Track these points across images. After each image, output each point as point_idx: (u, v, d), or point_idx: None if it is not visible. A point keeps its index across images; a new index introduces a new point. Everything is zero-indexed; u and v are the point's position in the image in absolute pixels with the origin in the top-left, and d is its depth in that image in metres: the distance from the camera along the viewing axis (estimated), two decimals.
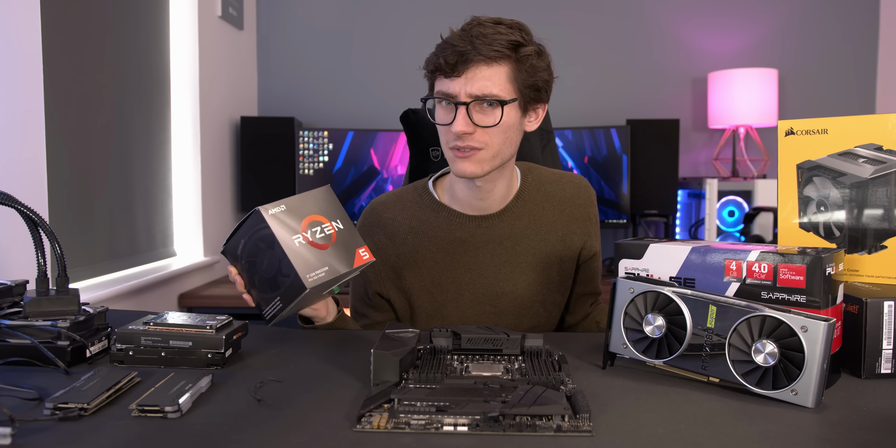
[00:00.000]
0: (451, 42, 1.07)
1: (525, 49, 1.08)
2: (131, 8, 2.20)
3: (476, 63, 1.06)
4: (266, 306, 0.95)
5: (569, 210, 1.25)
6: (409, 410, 0.69)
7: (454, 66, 1.06)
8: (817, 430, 0.68)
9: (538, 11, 3.11)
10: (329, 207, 0.97)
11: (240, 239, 0.94)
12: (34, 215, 0.91)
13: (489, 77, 1.07)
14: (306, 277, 0.89)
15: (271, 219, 0.91)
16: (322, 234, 0.94)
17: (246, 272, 0.96)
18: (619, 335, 0.88)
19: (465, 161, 1.10)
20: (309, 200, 0.96)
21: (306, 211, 0.94)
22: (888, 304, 0.83)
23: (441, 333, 0.92)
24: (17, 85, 1.55)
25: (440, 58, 1.07)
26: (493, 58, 1.06)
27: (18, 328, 0.88)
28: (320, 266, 0.92)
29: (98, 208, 2.01)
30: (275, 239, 0.90)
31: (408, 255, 1.23)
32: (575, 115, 3.05)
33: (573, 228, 1.24)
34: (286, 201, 0.94)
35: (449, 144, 1.11)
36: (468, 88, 1.06)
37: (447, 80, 1.08)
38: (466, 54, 1.05)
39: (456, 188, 1.21)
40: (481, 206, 1.20)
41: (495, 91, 1.07)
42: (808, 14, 3.08)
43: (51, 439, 0.64)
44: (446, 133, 1.11)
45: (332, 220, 0.96)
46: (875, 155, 0.93)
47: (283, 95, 3.17)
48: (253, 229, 0.92)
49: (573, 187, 1.27)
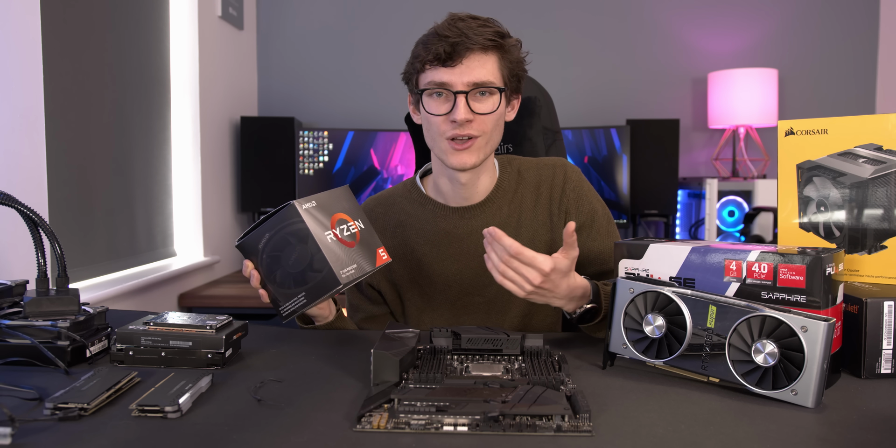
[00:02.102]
0: (442, 33, 1.09)
1: (510, 40, 1.13)
2: (131, 8, 2.20)
3: (472, 51, 1.09)
4: (285, 302, 0.95)
5: (546, 192, 1.24)
6: (409, 410, 0.69)
7: (450, 55, 1.08)
8: (817, 430, 0.68)
9: (538, 12, 3.11)
10: (351, 207, 0.98)
11: (264, 232, 0.94)
12: (34, 215, 0.91)
13: (484, 65, 1.10)
14: (340, 273, 0.90)
15: (305, 213, 0.91)
16: (349, 232, 0.95)
17: (265, 267, 0.95)
18: (619, 335, 0.88)
19: (464, 152, 1.12)
20: (335, 198, 0.96)
21: (333, 208, 0.95)
22: (888, 304, 0.83)
23: (441, 333, 0.92)
24: (17, 85, 1.55)
25: (432, 49, 1.09)
26: (485, 47, 1.10)
27: (18, 328, 0.88)
28: (350, 263, 0.93)
29: (98, 208, 2.01)
30: (309, 233, 0.90)
31: (397, 248, 1.25)
32: (575, 115, 3.05)
33: (553, 210, 1.24)
34: (315, 197, 0.94)
35: (445, 135, 1.12)
36: (465, 77, 1.09)
37: (442, 69, 1.10)
38: (461, 44, 1.08)
39: (440, 181, 1.23)
40: (464, 196, 1.22)
41: (491, 78, 1.10)
42: (807, 14, 3.08)
43: (51, 439, 0.64)
44: (441, 123, 1.12)
45: (355, 220, 0.97)
46: (875, 155, 0.93)
47: (283, 95, 3.17)
48: (283, 223, 0.92)
49: (549, 169, 1.26)
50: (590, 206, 1.24)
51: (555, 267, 0.93)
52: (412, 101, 1.21)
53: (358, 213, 0.98)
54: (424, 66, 1.12)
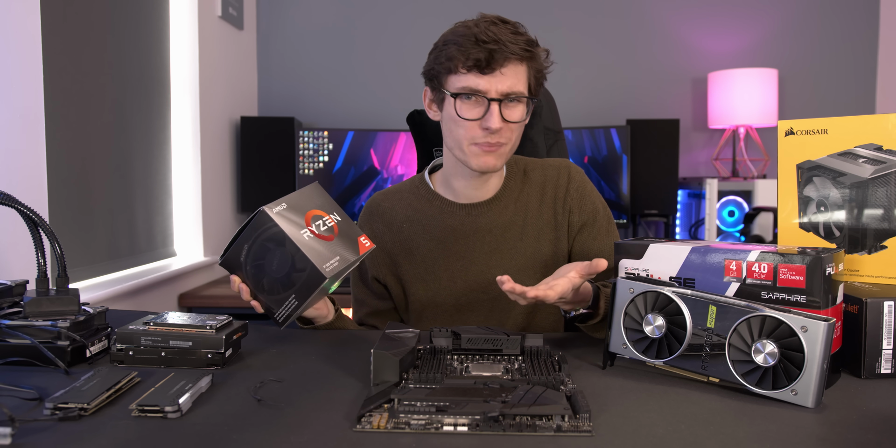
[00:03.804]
0: (479, 37, 1.08)
1: (539, 49, 1.13)
2: (131, 8, 2.20)
3: (509, 60, 1.09)
4: (278, 308, 0.95)
5: (551, 192, 1.26)
6: (409, 410, 0.69)
7: (489, 62, 1.08)
8: (817, 430, 0.68)
9: (539, 12, 3.11)
10: (324, 202, 0.99)
11: (242, 244, 0.94)
12: (34, 215, 0.91)
13: (517, 74, 1.10)
14: (324, 267, 0.90)
15: (277, 216, 0.91)
16: (325, 227, 0.96)
17: (252, 278, 0.96)
18: (619, 335, 0.88)
19: (491, 155, 1.13)
20: (304, 196, 0.97)
21: (305, 206, 0.96)
22: (888, 304, 0.83)
23: (441, 333, 0.92)
24: (17, 85, 1.55)
25: (471, 54, 1.08)
26: (521, 57, 1.10)
27: (18, 328, 0.88)
28: (332, 256, 0.93)
29: (98, 208, 2.01)
30: (285, 235, 0.90)
31: (403, 242, 1.26)
32: (575, 115, 3.05)
33: (558, 209, 1.25)
34: (284, 199, 0.94)
35: (475, 140, 1.12)
36: (501, 86, 1.09)
37: (479, 76, 1.09)
38: (500, 52, 1.07)
39: (451, 178, 1.24)
40: (473, 194, 1.24)
41: (521, 88, 1.11)
42: (807, 14, 3.08)
43: (51, 439, 0.64)
44: (471, 128, 1.12)
45: (329, 213, 0.98)
46: (875, 155, 0.93)
47: (283, 95, 3.17)
48: (258, 231, 0.92)
49: (553, 170, 1.28)
50: (592, 205, 1.25)
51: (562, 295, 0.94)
52: (434, 97, 1.19)
53: (332, 206, 0.99)
54: (458, 68, 1.10)
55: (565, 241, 1.25)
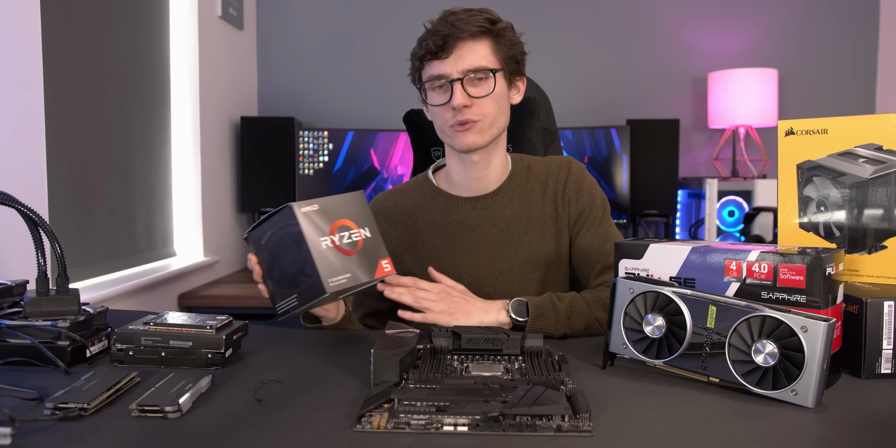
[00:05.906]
0: (433, 29, 1.15)
1: (500, 24, 1.17)
2: (131, 8, 2.20)
3: (462, 40, 1.14)
4: (280, 301, 0.94)
5: (553, 186, 1.28)
6: (409, 410, 0.69)
7: (442, 47, 1.13)
8: (817, 430, 0.68)
9: (539, 12, 3.11)
10: (360, 213, 0.95)
11: (266, 230, 0.93)
12: (34, 215, 0.91)
13: (475, 51, 1.15)
14: (328, 282, 0.87)
15: (302, 217, 0.89)
16: (349, 240, 0.92)
17: (266, 263, 0.95)
18: (619, 335, 0.88)
19: (467, 133, 1.16)
20: (342, 204, 0.94)
21: (338, 214, 0.92)
22: (888, 304, 0.83)
23: (441, 333, 0.92)
24: (17, 85, 1.55)
25: (426, 44, 1.15)
26: (475, 34, 1.14)
27: (18, 328, 0.88)
28: (343, 272, 0.90)
29: (98, 208, 2.01)
30: (303, 237, 0.88)
31: (408, 240, 1.27)
32: (575, 115, 3.05)
33: (558, 201, 1.27)
34: (320, 201, 0.91)
35: (448, 123, 1.17)
36: (459, 65, 1.14)
37: (437, 62, 1.15)
38: (451, 35, 1.13)
39: (453, 171, 1.26)
40: (477, 186, 1.25)
41: (483, 63, 1.15)
42: (807, 14, 3.08)
43: (51, 439, 0.64)
44: (443, 112, 1.17)
45: (360, 227, 0.94)
46: (875, 155, 0.93)
47: (283, 95, 3.17)
48: (282, 223, 0.90)
49: (555, 165, 1.30)
50: (589, 197, 1.27)
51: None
52: (422, 99, 1.26)
53: (367, 221, 0.95)
54: (422, 62, 1.17)
55: (566, 234, 1.26)
